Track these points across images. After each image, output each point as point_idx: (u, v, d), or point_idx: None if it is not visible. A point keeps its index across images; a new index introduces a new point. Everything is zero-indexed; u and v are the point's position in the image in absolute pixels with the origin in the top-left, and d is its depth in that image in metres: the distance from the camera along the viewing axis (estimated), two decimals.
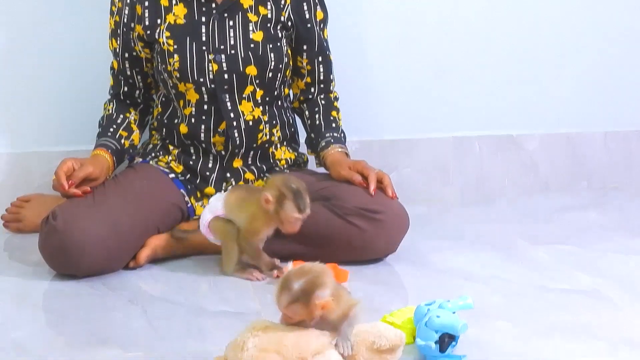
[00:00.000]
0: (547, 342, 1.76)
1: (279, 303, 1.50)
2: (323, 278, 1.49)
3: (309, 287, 1.47)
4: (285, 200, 2.05)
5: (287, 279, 1.50)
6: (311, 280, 1.48)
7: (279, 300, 1.50)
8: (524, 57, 3.05)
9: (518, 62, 3.05)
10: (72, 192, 2.16)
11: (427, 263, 2.27)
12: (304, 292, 1.47)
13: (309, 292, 1.47)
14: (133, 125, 2.40)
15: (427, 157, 3.01)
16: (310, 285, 1.47)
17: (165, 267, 2.23)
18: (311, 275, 1.49)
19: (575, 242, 2.47)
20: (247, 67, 2.30)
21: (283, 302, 1.49)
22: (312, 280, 1.48)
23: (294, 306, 1.48)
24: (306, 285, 1.48)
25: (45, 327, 1.89)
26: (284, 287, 1.49)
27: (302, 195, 2.05)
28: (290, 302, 1.48)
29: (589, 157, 3.14)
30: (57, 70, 2.73)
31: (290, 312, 1.49)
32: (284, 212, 2.05)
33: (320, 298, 1.46)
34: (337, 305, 1.49)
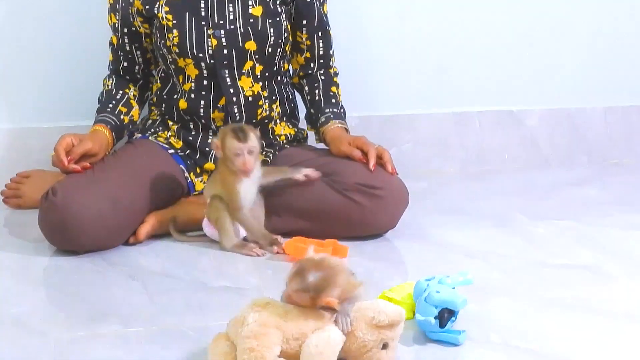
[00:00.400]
0: (546, 317, 1.77)
1: (289, 285, 1.50)
2: (337, 278, 1.50)
3: (322, 284, 1.48)
4: (226, 137, 2.10)
5: (304, 268, 1.50)
6: (326, 277, 1.49)
7: (290, 284, 1.50)
8: (524, 33, 3.04)
9: (518, 37, 3.04)
10: (71, 167, 2.16)
11: (427, 238, 2.28)
12: (316, 288, 1.48)
13: (321, 289, 1.48)
14: (132, 101, 2.39)
15: (427, 132, 3.01)
16: (324, 283, 1.48)
17: (165, 242, 2.24)
18: (327, 272, 1.49)
19: (574, 217, 2.47)
20: (247, 42, 2.29)
21: (293, 286, 1.49)
22: (327, 278, 1.49)
23: (302, 295, 1.49)
24: (320, 281, 1.48)
25: (46, 303, 1.89)
26: (299, 274, 1.49)
27: (242, 129, 2.11)
28: (299, 290, 1.49)
29: (589, 133, 3.14)
30: (55, 46, 2.72)
31: (296, 297, 1.49)
32: (227, 149, 2.09)
33: (329, 298, 1.47)
34: (340, 299, 1.50)
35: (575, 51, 3.10)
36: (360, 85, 2.89)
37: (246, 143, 2.09)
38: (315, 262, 1.52)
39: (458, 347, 1.63)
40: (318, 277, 1.48)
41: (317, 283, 1.48)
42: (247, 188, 2.14)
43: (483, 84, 3.05)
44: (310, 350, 1.43)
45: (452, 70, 3.01)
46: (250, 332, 1.45)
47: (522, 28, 3.03)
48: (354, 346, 1.50)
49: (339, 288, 1.50)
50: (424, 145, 3.01)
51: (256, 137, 2.12)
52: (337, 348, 1.45)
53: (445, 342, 1.63)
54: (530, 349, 1.61)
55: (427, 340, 1.65)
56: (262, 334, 1.45)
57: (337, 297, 1.49)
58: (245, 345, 1.44)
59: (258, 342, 1.44)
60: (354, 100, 2.72)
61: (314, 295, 1.48)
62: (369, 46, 2.92)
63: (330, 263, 1.52)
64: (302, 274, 1.49)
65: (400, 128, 2.98)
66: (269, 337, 1.45)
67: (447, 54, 2.99)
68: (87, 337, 1.67)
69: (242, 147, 2.09)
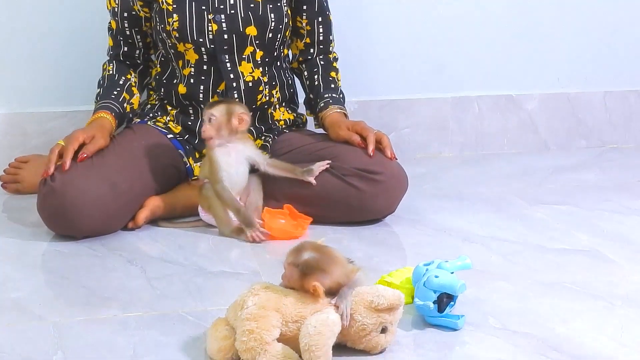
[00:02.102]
0: (545, 301, 1.77)
1: (285, 258, 1.54)
2: (331, 266, 1.51)
3: (314, 265, 1.50)
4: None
5: (304, 246, 1.53)
6: (320, 261, 1.51)
7: (286, 256, 1.54)
8: (523, 17, 3.03)
9: (518, 21, 3.03)
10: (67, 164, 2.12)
11: (426, 223, 2.28)
12: (307, 266, 1.50)
13: (311, 269, 1.50)
14: (134, 88, 2.38)
15: (426, 116, 3.00)
16: (316, 265, 1.50)
17: (164, 227, 2.23)
18: (323, 258, 1.51)
19: (573, 201, 2.47)
20: (247, 27, 2.29)
21: (288, 259, 1.53)
22: (320, 262, 1.51)
23: (292, 270, 1.51)
24: (313, 262, 1.50)
25: (45, 288, 1.89)
26: (297, 250, 1.53)
27: (219, 100, 2.19)
28: (291, 264, 1.51)
29: (588, 117, 3.14)
30: (53, 30, 2.71)
31: (288, 271, 1.52)
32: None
33: (316, 282, 1.48)
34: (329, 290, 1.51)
35: (574, 35, 3.09)
36: (359, 70, 2.88)
37: (207, 110, 2.14)
38: (316, 246, 1.54)
39: (457, 331, 1.63)
40: (312, 258, 1.51)
41: (310, 262, 1.50)
42: (222, 159, 2.14)
43: (482, 69, 3.04)
44: (308, 330, 1.43)
45: (451, 54, 3.00)
46: (250, 314, 1.46)
47: (522, 12, 3.02)
48: (352, 330, 1.50)
49: (330, 276, 1.51)
50: (423, 130, 3.00)
51: (226, 110, 2.13)
52: (335, 329, 1.46)
53: (444, 327, 1.64)
54: (529, 333, 1.62)
55: (426, 324, 1.65)
56: (262, 317, 1.45)
57: (326, 286, 1.50)
58: (244, 328, 1.44)
59: (257, 324, 1.44)
60: (353, 84, 2.71)
61: (303, 273, 1.49)
62: (368, 31, 2.91)
63: (330, 252, 1.54)
64: (299, 251, 1.52)
65: (399, 113, 2.98)
66: (269, 320, 1.45)
67: (447, 39, 2.98)
68: (86, 321, 1.67)
69: (205, 113, 2.13)
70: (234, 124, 2.14)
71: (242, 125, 2.15)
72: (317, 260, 1.51)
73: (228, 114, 2.13)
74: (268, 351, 1.43)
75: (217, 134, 2.13)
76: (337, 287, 1.52)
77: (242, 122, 2.15)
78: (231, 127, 2.14)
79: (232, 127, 2.14)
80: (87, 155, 2.13)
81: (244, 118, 2.15)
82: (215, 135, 2.13)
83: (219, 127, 2.13)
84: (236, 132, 2.15)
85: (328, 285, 1.50)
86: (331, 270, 1.51)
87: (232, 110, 2.14)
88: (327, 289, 1.50)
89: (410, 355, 1.55)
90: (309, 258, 1.51)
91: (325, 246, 1.55)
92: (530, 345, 1.57)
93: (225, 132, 2.14)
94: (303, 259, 1.51)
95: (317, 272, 1.50)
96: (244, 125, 2.15)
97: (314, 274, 1.49)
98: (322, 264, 1.51)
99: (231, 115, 2.13)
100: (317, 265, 1.50)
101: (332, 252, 1.54)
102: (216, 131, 2.13)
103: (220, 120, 2.13)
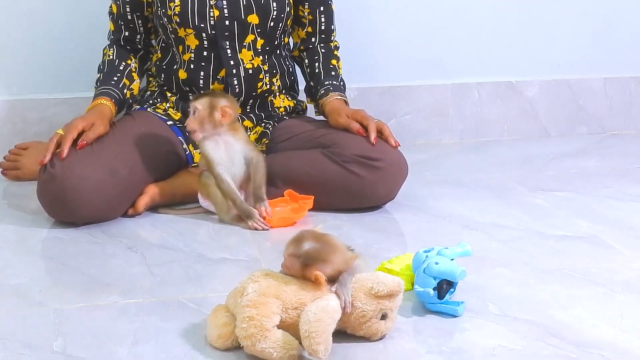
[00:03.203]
0: (545, 287, 1.77)
1: (285, 249, 1.53)
2: (332, 255, 1.51)
3: (315, 255, 1.50)
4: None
5: (304, 236, 1.53)
6: (321, 251, 1.51)
7: (286, 248, 1.53)
8: (524, 3, 3.02)
9: (518, 7, 3.02)
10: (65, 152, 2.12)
11: (426, 210, 2.28)
12: (308, 257, 1.50)
13: (312, 260, 1.50)
14: (134, 74, 2.37)
15: (426, 103, 3.00)
16: (317, 256, 1.50)
17: (164, 214, 2.23)
18: (324, 247, 1.51)
19: (574, 188, 2.47)
20: (249, 15, 2.28)
21: (288, 250, 1.52)
22: (321, 252, 1.51)
23: (293, 261, 1.51)
24: (314, 253, 1.50)
25: (45, 274, 1.89)
26: (297, 240, 1.52)
27: (205, 93, 2.20)
28: (292, 255, 1.51)
29: (588, 103, 3.13)
30: (53, 16, 2.71)
31: (289, 262, 1.52)
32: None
33: (318, 271, 1.48)
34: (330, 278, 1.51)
35: (575, 22, 3.08)
36: (359, 57, 2.88)
37: (191, 102, 2.14)
38: (315, 235, 1.54)
39: (457, 318, 1.63)
40: (313, 248, 1.50)
41: (311, 253, 1.50)
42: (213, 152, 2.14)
43: (482, 55, 3.03)
44: (308, 317, 1.43)
45: (451, 41, 2.99)
46: (250, 301, 1.46)
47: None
48: (352, 316, 1.51)
49: (331, 265, 1.51)
50: (423, 117, 3.00)
51: (209, 104, 2.12)
52: (335, 316, 1.46)
53: (444, 313, 1.64)
54: (529, 320, 1.62)
55: (426, 311, 1.65)
56: (262, 303, 1.45)
57: (328, 275, 1.50)
58: (244, 314, 1.45)
59: (257, 311, 1.44)
60: (353, 71, 2.71)
61: (304, 264, 1.49)
62: (368, 17, 2.91)
63: (330, 240, 1.54)
64: (299, 241, 1.52)
65: (399, 99, 2.97)
66: (269, 307, 1.45)
67: (447, 25, 2.98)
68: (86, 308, 1.67)
69: (190, 105, 2.14)
70: (217, 118, 2.12)
71: (226, 119, 2.13)
72: (318, 250, 1.51)
73: (210, 107, 2.11)
74: (268, 337, 1.43)
75: (200, 127, 2.12)
76: (337, 274, 1.52)
77: (226, 115, 2.13)
78: (214, 120, 2.13)
79: (216, 120, 2.13)
80: (87, 142, 2.13)
81: (227, 111, 2.12)
82: (198, 129, 2.12)
83: (201, 121, 2.12)
84: (220, 125, 2.14)
85: (329, 273, 1.50)
86: (332, 259, 1.51)
87: (215, 104, 2.12)
88: (328, 277, 1.50)
89: (410, 341, 1.55)
90: (309, 248, 1.50)
91: (325, 234, 1.55)
92: (530, 332, 1.57)
93: (209, 125, 2.13)
94: (304, 249, 1.50)
95: (319, 262, 1.50)
96: (227, 118, 2.13)
97: (316, 264, 1.49)
98: (323, 254, 1.51)
99: (214, 108, 2.11)
100: (318, 256, 1.50)
101: (332, 241, 1.54)
102: (199, 124, 2.12)
103: (202, 114, 2.12)
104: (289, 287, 1.49)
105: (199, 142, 2.15)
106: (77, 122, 2.16)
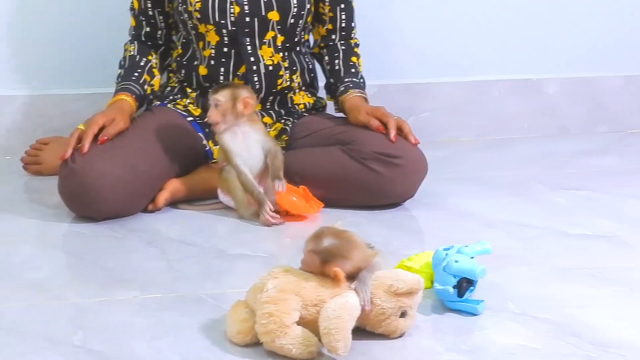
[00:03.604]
0: (565, 286, 1.76)
1: (305, 245, 1.53)
2: (352, 251, 1.51)
3: (334, 252, 1.49)
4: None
5: (324, 232, 1.52)
6: (340, 247, 1.50)
7: (306, 244, 1.53)
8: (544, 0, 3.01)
9: (538, 4, 3.01)
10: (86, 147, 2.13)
11: (445, 207, 2.27)
12: (327, 253, 1.49)
13: (332, 256, 1.49)
14: (155, 70, 2.37)
15: (445, 100, 2.99)
16: (336, 252, 1.49)
17: (184, 210, 2.24)
18: (343, 243, 1.51)
19: (594, 186, 2.46)
20: (269, 12, 2.28)
21: (308, 246, 1.52)
22: (341, 248, 1.50)
23: (313, 257, 1.50)
24: (334, 249, 1.49)
25: (65, 268, 1.90)
26: (317, 236, 1.52)
27: (226, 84, 2.20)
28: (311, 251, 1.50)
29: (609, 101, 3.12)
30: (74, 12, 2.72)
31: (308, 258, 1.51)
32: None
33: (337, 268, 1.48)
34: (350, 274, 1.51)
35: (595, 19, 3.07)
36: (378, 54, 2.87)
37: (212, 95, 2.13)
38: (335, 231, 1.53)
39: (476, 316, 1.62)
40: (333, 244, 1.50)
41: (330, 249, 1.49)
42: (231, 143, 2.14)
43: (502, 52, 3.03)
44: (328, 314, 1.43)
45: (470, 38, 2.99)
46: (269, 297, 1.46)
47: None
48: (372, 314, 1.50)
49: (351, 262, 1.50)
50: (442, 114, 2.99)
51: (231, 95, 2.12)
52: (355, 313, 1.46)
53: (464, 312, 1.63)
54: (548, 319, 1.61)
55: (446, 309, 1.65)
56: (281, 300, 1.45)
57: (347, 272, 1.49)
58: (264, 311, 1.45)
59: (277, 307, 1.44)
60: (373, 68, 2.70)
61: (324, 260, 1.49)
62: (388, 14, 2.90)
63: (350, 237, 1.53)
64: (319, 238, 1.51)
65: (418, 96, 2.97)
66: (288, 303, 1.45)
67: (466, 22, 2.97)
68: (106, 302, 1.68)
69: (211, 98, 2.14)
70: (239, 109, 2.13)
71: (248, 109, 2.14)
72: (338, 247, 1.50)
73: (233, 99, 2.13)
74: (287, 334, 1.43)
75: (222, 119, 2.13)
76: (357, 271, 1.52)
77: (248, 106, 2.14)
78: (237, 111, 2.13)
79: (238, 111, 2.13)
80: (107, 137, 2.14)
81: (249, 102, 2.14)
82: (221, 120, 2.13)
83: (224, 112, 2.13)
84: (242, 116, 2.15)
85: (348, 270, 1.50)
86: (351, 255, 1.51)
87: (237, 95, 2.13)
88: (347, 273, 1.50)
89: (429, 339, 1.55)
90: (329, 245, 1.50)
91: (345, 231, 1.55)
92: (549, 331, 1.57)
93: (231, 117, 2.13)
94: (323, 246, 1.50)
95: (338, 258, 1.49)
96: (249, 109, 2.14)
97: (335, 261, 1.49)
98: (342, 250, 1.50)
99: (236, 100, 2.12)
100: (337, 252, 1.50)
101: (352, 237, 1.54)
102: (222, 116, 2.13)
103: (225, 106, 2.12)
104: (308, 283, 1.49)
105: (218, 135, 2.16)
106: (98, 118, 2.17)
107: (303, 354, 1.44)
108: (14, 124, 2.73)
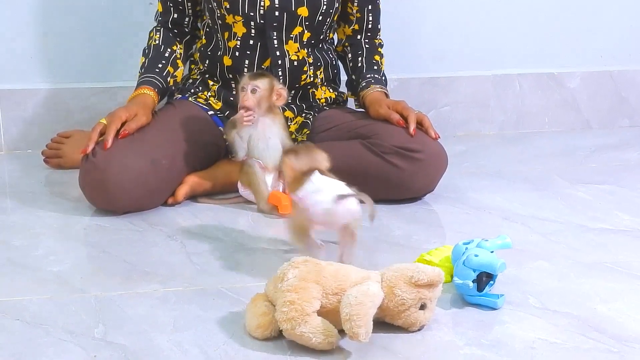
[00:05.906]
0: (586, 281, 1.76)
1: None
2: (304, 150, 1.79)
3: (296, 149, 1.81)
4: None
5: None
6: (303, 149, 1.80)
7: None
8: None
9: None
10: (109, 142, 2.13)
11: (466, 201, 2.27)
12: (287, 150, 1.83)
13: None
14: (179, 61, 2.37)
15: (466, 94, 2.98)
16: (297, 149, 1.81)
17: (204, 203, 2.25)
18: (307, 150, 1.80)
19: (615, 180, 2.45)
20: (299, 7, 2.27)
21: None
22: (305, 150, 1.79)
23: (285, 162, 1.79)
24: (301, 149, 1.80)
25: (86, 262, 1.91)
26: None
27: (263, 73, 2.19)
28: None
29: (631, 95, 3.10)
30: (96, 6, 2.73)
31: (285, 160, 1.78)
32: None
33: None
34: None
35: (618, 12, 3.05)
36: (399, 47, 2.87)
37: (250, 80, 2.12)
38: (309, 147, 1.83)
39: (496, 310, 1.62)
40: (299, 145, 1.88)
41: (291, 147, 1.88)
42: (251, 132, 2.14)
43: (524, 46, 3.01)
44: (349, 300, 1.43)
45: (492, 31, 2.98)
46: (291, 286, 1.46)
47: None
48: (392, 304, 1.50)
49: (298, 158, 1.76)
50: (463, 108, 2.99)
51: (269, 84, 2.13)
52: (376, 300, 1.45)
53: (484, 306, 1.63)
54: (569, 313, 1.61)
55: (465, 303, 1.65)
56: (302, 288, 1.45)
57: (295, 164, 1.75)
58: (285, 299, 1.45)
59: (298, 295, 1.45)
60: (394, 62, 2.70)
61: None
62: (409, 7, 2.90)
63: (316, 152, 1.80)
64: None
65: (439, 90, 2.96)
66: (309, 291, 1.45)
67: (488, 15, 2.96)
68: (127, 295, 1.69)
69: (248, 83, 2.11)
70: (273, 99, 2.14)
71: (280, 101, 2.15)
72: (301, 148, 1.82)
73: (270, 88, 2.13)
74: (308, 322, 1.43)
75: (257, 106, 2.13)
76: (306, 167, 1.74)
77: (280, 98, 2.15)
78: (271, 101, 2.14)
79: (272, 102, 2.14)
80: (129, 132, 2.14)
81: (282, 94, 2.14)
82: (255, 107, 2.13)
83: (260, 100, 2.13)
84: (274, 107, 2.15)
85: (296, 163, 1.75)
86: (303, 153, 1.77)
87: (275, 85, 2.14)
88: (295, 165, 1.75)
89: (449, 333, 1.55)
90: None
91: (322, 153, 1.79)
92: (570, 325, 1.56)
93: (265, 105, 2.14)
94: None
95: (290, 153, 1.78)
96: (281, 101, 2.15)
97: (290, 152, 1.79)
98: (297, 148, 1.82)
99: (272, 90, 2.13)
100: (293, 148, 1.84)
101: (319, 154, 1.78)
102: (257, 103, 2.13)
103: (263, 94, 2.12)
104: (328, 272, 1.49)
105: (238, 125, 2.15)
106: (121, 113, 2.17)
107: (322, 343, 1.44)
108: (35, 117, 2.74)
